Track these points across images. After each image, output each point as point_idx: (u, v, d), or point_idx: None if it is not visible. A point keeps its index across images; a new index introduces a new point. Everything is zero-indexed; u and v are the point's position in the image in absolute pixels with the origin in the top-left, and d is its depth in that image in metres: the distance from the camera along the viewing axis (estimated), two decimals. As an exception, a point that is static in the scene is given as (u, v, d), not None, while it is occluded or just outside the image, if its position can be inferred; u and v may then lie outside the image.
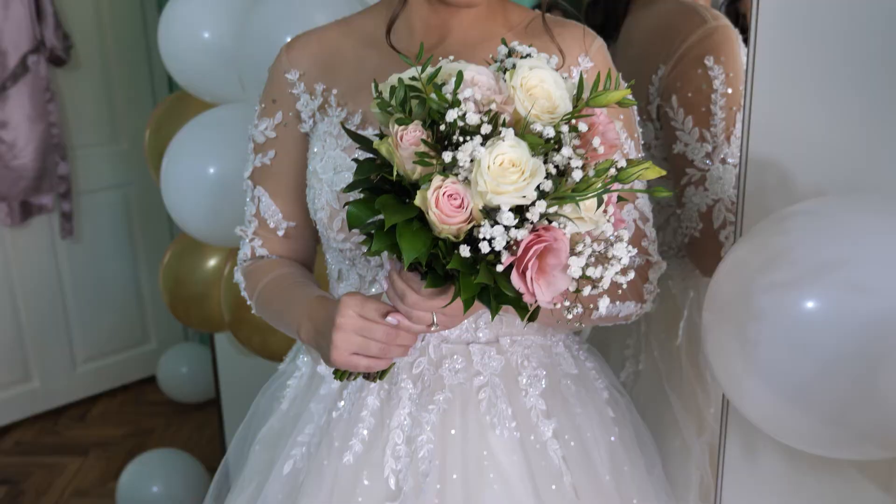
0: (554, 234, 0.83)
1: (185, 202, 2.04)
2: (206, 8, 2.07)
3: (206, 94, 2.19)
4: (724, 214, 1.42)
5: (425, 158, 0.83)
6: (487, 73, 0.88)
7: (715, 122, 1.40)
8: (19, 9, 2.71)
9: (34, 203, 3.07)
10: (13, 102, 2.82)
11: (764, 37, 1.17)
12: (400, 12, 1.12)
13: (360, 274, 1.19)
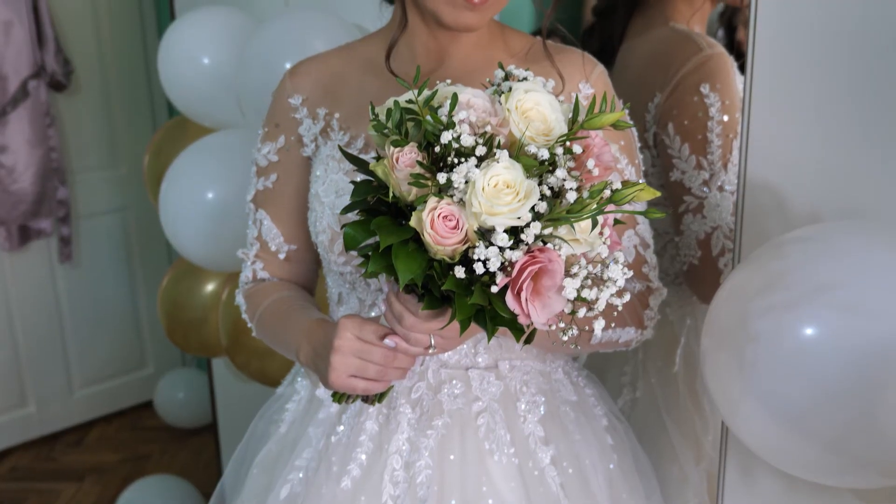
0: (549, 256, 0.83)
1: (183, 227, 2.04)
2: (206, 34, 2.09)
3: (206, 120, 2.20)
4: (722, 242, 1.41)
5: (420, 180, 0.83)
6: (483, 97, 0.89)
7: (712, 149, 1.40)
8: (20, 34, 2.74)
9: (33, 227, 3.08)
10: (13, 127, 2.83)
11: (761, 64, 1.18)
12: (400, 37, 1.13)
13: (360, 298, 1.19)
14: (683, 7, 1.52)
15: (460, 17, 1.05)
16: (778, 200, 1.20)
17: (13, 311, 3.19)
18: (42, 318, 3.28)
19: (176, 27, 2.15)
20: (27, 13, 2.72)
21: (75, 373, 3.44)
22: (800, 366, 0.93)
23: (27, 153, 2.90)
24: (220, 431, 2.71)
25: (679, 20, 1.51)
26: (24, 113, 2.84)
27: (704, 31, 1.54)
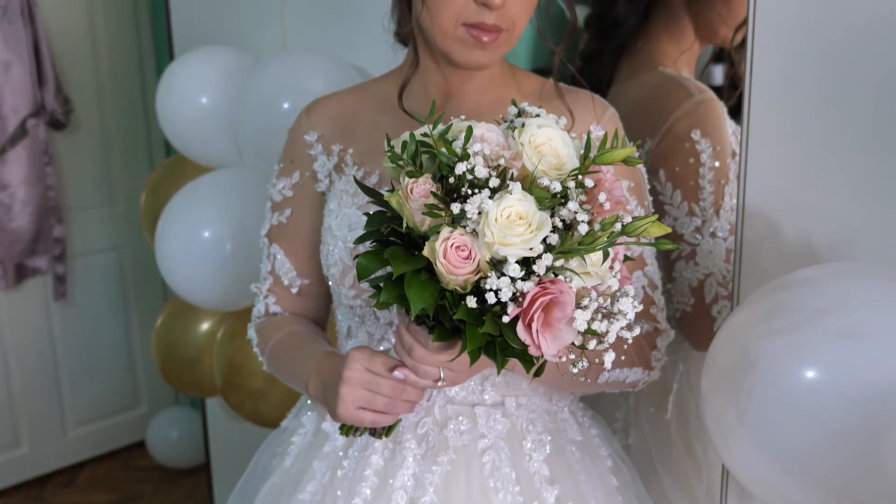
0: (560, 287, 0.83)
1: (178, 266, 2.05)
2: (204, 74, 2.11)
3: (203, 159, 2.22)
4: (715, 289, 1.41)
5: (434, 210, 0.84)
6: (497, 131, 0.91)
7: (703, 195, 1.40)
8: (20, 73, 2.76)
9: (29, 265, 3.07)
10: (11, 165, 2.84)
11: (757, 108, 1.20)
12: (412, 76, 1.16)
13: (370, 331, 1.20)
14: (671, 49, 1.53)
15: (471, 55, 1.07)
16: (776, 243, 1.22)
17: (8, 351, 3.17)
18: (37, 357, 3.26)
19: (175, 67, 2.17)
20: (28, 52, 2.75)
21: (69, 412, 3.40)
22: (800, 401, 0.92)
23: (25, 191, 2.90)
24: (213, 472, 2.68)
25: (666, 63, 1.52)
26: (22, 151, 2.85)
27: (692, 73, 1.56)
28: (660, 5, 1.53)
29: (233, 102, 2.01)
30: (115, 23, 3.15)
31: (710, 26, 1.50)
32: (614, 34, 1.54)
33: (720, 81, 1.88)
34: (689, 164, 1.40)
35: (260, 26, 2.29)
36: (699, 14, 1.50)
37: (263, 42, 2.28)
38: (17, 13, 2.67)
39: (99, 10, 3.09)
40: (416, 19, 1.10)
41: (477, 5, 1.04)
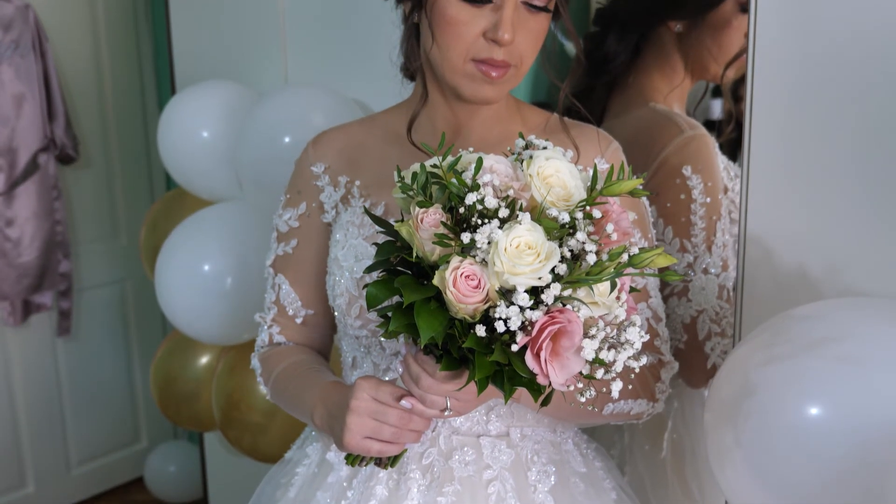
0: (568, 317, 0.84)
1: (178, 299, 2.05)
2: (206, 108, 2.13)
3: (204, 192, 2.23)
4: (708, 325, 1.40)
5: (444, 240, 0.85)
6: (505, 163, 0.92)
7: (695, 231, 1.40)
8: (32, 107, 2.78)
9: (34, 301, 3.05)
10: (21, 199, 2.84)
11: (757, 143, 1.21)
12: (421, 110, 1.18)
13: (375, 362, 1.20)
14: (662, 85, 1.54)
15: (479, 90, 1.10)
16: (777, 279, 1.23)
17: (15, 390, 3.12)
18: (42, 395, 3.22)
19: (176, 101, 2.19)
20: (39, 86, 2.77)
21: (73, 450, 3.36)
22: (798, 427, 0.93)
23: (34, 226, 2.90)
24: (211, 506, 2.66)
25: (658, 98, 1.53)
26: (31, 186, 2.85)
27: (683, 108, 1.57)
28: (650, 42, 1.54)
29: (234, 136, 2.03)
30: (118, 57, 3.18)
31: (700, 63, 1.52)
32: (605, 70, 1.56)
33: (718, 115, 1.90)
34: (681, 201, 1.40)
35: (261, 61, 2.31)
36: (689, 51, 1.51)
37: (265, 76, 2.30)
38: (28, 47, 2.70)
39: (104, 45, 3.12)
40: (425, 55, 1.13)
41: (486, 42, 1.06)
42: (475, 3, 1.05)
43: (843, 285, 1.17)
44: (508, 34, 1.04)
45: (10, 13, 2.63)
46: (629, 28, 1.53)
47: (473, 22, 1.06)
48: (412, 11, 1.13)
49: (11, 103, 2.70)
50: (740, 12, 1.46)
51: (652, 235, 1.23)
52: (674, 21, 1.50)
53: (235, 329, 2.04)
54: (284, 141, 1.88)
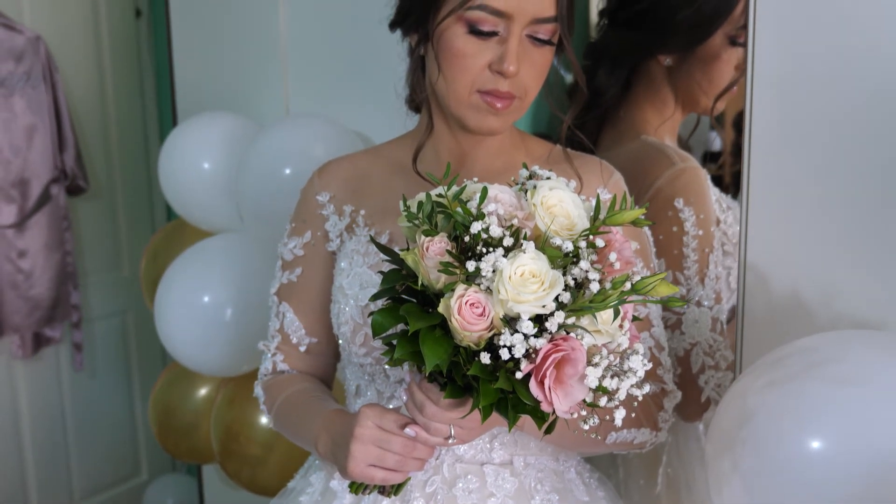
0: (571, 345, 0.85)
1: (177, 330, 2.04)
2: (207, 139, 2.14)
3: (204, 224, 2.23)
4: (702, 358, 1.40)
5: (450, 268, 0.87)
6: (509, 192, 0.94)
7: (688, 264, 1.41)
8: (43, 138, 2.79)
9: (45, 334, 3.03)
10: (32, 231, 2.84)
11: (756, 177, 1.23)
12: (426, 141, 1.19)
13: (379, 390, 1.21)
14: (653, 117, 1.55)
15: (484, 121, 1.11)
16: (776, 309, 1.24)
17: (22, 423, 3.09)
18: (47, 428, 3.18)
19: (178, 132, 2.20)
20: (49, 117, 2.79)
21: (76, 483, 3.32)
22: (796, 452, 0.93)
23: (44, 257, 2.89)
24: (209, 540, 2.64)
25: (649, 131, 1.54)
26: (42, 217, 2.85)
27: (675, 141, 1.57)
28: (640, 75, 1.56)
29: (235, 168, 2.04)
30: (121, 87, 3.20)
31: (690, 96, 1.53)
32: (596, 104, 1.57)
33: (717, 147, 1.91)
34: (673, 233, 1.41)
35: (263, 92, 2.34)
36: (679, 84, 1.53)
37: (266, 108, 2.32)
38: (39, 78, 2.72)
39: (108, 76, 3.15)
40: (431, 86, 1.14)
41: (492, 73, 1.08)
42: (481, 36, 1.07)
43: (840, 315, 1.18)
44: (514, 66, 1.06)
45: (22, 44, 2.66)
46: (619, 62, 1.55)
47: (479, 54, 1.08)
48: (419, 44, 1.15)
49: (23, 134, 2.72)
50: (729, 45, 1.47)
51: (654, 265, 1.24)
52: (664, 55, 1.51)
53: (235, 361, 2.04)
54: (285, 172, 1.89)
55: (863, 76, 1.14)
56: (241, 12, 2.33)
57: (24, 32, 2.66)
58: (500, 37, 1.07)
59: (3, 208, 2.73)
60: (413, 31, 1.15)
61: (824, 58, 1.17)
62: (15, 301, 2.83)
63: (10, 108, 2.67)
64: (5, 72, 2.64)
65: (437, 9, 1.09)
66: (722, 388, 1.39)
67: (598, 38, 1.58)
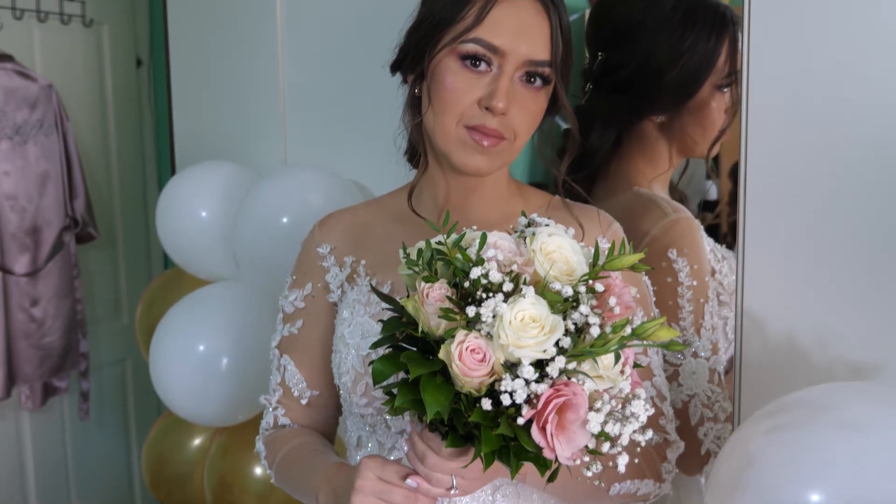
0: (573, 390, 0.85)
1: (172, 379, 2.03)
2: (205, 187, 2.15)
3: (201, 272, 2.23)
4: (700, 410, 1.38)
5: (450, 314, 0.87)
6: (509, 239, 0.94)
7: (683, 315, 1.40)
8: (56, 185, 2.80)
9: (53, 384, 2.99)
10: (44, 280, 2.83)
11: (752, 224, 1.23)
12: (421, 180, 1.21)
13: (380, 440, 1.20)
14: (647, 170, 1.55)
15: (470, 158, 1.11)
16: (774, 361, 1.23)
17: (27, 474, 3.04)
18: (52, 478, 3.12)
19: (176, 181, 2.21)
20: (61, 165, 2.81)
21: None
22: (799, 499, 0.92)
23: (55, 306, 2.88)
24: None
25: (642, 183, 1.53)
26: (54, 265, 2.85)
27: (666, 191, 1.57)
28: (631, 132, 1.56)
29: (232, 216, 2.05)
30: (123, 136, 3.23)
31: (684, 146, 1.54)
32: (588, 163, 1.56)
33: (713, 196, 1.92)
34: (667, 284, 1.40)
35: (261, 141, 2.36)
36: (673, 137, 1.53)
37: (264, 157, 2.34)
38: (52, 126, 2.74)
39: (111, 124, 3.18)
40: (424, 124, 1.15)
41: (480, 109, 1.09)
42: (473, 71, 1.08)
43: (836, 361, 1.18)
44: (503, 103, 1.07)
45: (36, 92, 2.69)
46: (609, 124, 1.54)
47: (470, 89, 1.09)
48: (415, 82, 1.16)
49: (36, 182, 2.74)
50: (718, 91, 1.49)
51: (655, 314, 1.24)
52: (655, 115, 1.52)
53: (230, 411, 2.02)
54: (283, 221, 1.90)
55: (858, 125, 1.15)
56: (240, 62, 2.36)
57: (37, 80, 2.70)
58: (492, 74, 1.09)
59: (18, 257, 2.73)
60: (411, 71, 1.16)
61: (819, 107, 1.17)
62: (27, 350, 2.82)
63: (24, 156, 2.70)
64: (20, 119, 2.67)
65: (435, 44, 1.10)
66: (721, 440, 1.37)
67: (586, 102, 1.57)
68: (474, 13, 1.08)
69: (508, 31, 1.08)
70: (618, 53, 1.51)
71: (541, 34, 1.09)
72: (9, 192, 2.66)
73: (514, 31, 1.08)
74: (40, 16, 2.80)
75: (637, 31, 1.49)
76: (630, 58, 1.49)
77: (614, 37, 1.52)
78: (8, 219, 2.68)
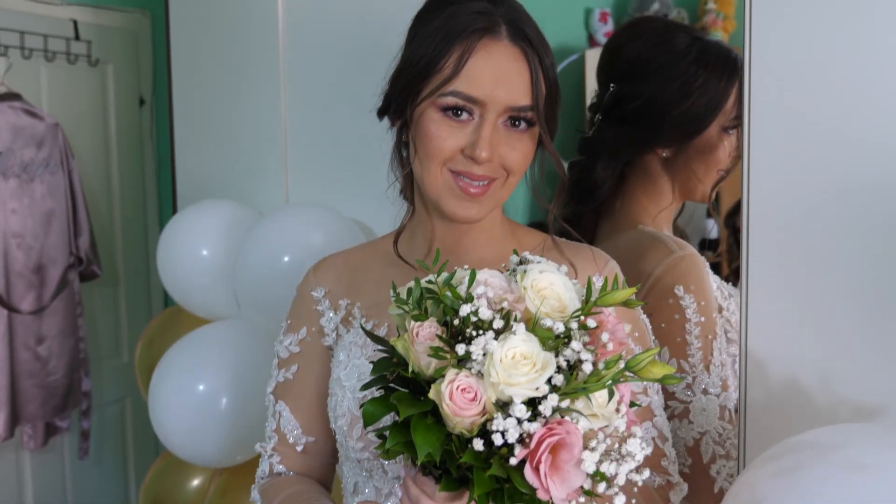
0: (567, 428, 0.83)
1: (170, 419, 2.01)
2: (206, 226, 2.15)
3: (201, 311, 2.22)
4: (712, 447, 1.37)
5: (440, 353, 0.85)
6: (500, 277, 0.93)
7: (692, 351, 1.39)
8: (60, 224, 2.81)
9: (56, 424, 2.98)
10: (49, 318, 2.83)
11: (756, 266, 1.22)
12: (408, 224, 1.20)
13: (377, 486, 1.17)
14: (651, 207, 1.56)
15: (459, 208, 1.11)
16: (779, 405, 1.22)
17: None
18: None
19: (177, 219, 2.21)
20: (66, 203, 2.82)
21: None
22: None
23: (59, 344, 2.87)
24: None
25: (646, 220, 1.54)
26: (59, 303, 2.85)
27: (670, 229, 1.58)
28: (635, 168, 1.57)
29: (233, 255, 2.04)
30: (126, 174, 3.26)
31: (687, 185, 1.55)
32: (593, 197, 1.58)
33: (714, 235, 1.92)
34: (675, 321, 1.39)
35: (262, 180, 2.36)
36: (677, 174, 1.54)
37: (266, 196, 2.34)
38: (57, 164, 2.77)
39: (114, 163, 3.21)
40: (413, 171, 1.15)
41: (464, 157, 1.08)
42: (455, 120, 1.08)
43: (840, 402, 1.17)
44: (486, 152, 1.06)
45: (43, 131, 2.72)
46: (616, 155, 1.56)
47: (453, 137, 1.08)
48: (401, 130, 1.16)
49: (42, 220, 2.76)
50: (724, 132, 1.51)
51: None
52: (661, 148, 1.53)
53: (229, 451, 2.00)
54: (283, 260, 1.89)
55: (860, 165, 1.15)
56: (242, 101, 2.37)
57: (44, 119, 2.73)
58: (474, 122, 1.08)
59: (24, 295, 2.74)
60: (396, 118, 1.16)
61: (821, 145, 1.17)
62: (31, 390, 2.81)
63: (31, 194, 2.71)
64: (28, 157, 2.69)
65: (416, 94, 1.09)
66: (734, 477, 1.35)
67: (594, 133, 1.59)
68: (451, 64, 1.07)
69: (487, 81, 1.06)
70: (630, 85, 1.53)
71: (520, 80, 1.08)
72: (16, 230, 2.68)
73: (492, 80, 1.07)
74: (48, 55, 2.85)
75: (651, 66, 1.52)
76: (642, 90, 1.51)
77: (628, 70, 1.54)
78: (14, 257, 2.69)
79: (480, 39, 1.07)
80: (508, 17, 1.09)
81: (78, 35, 2.95)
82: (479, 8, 1.09)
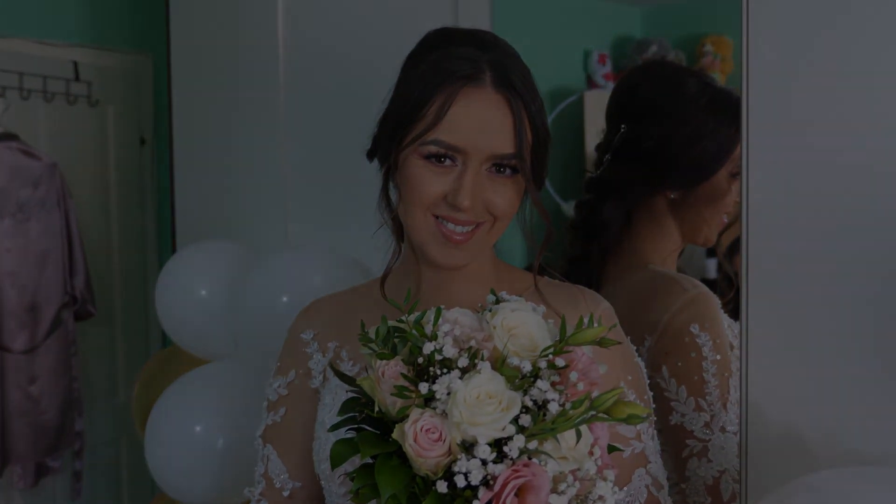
0: (533, 470, 0.81)
1: (167, 460, 1.98)
2: (205, 267, 2.13)
3: (199, 351, 2.20)
4: (731, 486, 1.36)
5: (404, 392, 0.84)
6: (471, 316, 0.92)
7: (709, 389, 1.38)
8: (56, 263, 2.82)
9: (46, 464, 2.96)
10: (42, 357, 2.83)
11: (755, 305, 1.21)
12: (397, 266, 1.19)
13: None
14: (660, 247, 1.56)
15: (444, 254, 1.10)
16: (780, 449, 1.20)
17: None
18: None
19: (176, 259, 2.20)
20: (62, 242, 2.83)
21: None
22: None
23: (52, 383, 2.86)
24: None
25: (655, 260, 1.55)
26: (52, 342, 2.85)
27: (675, 269, 1.58)
28: (643, 208, 1.57)
29: (232, 295, 2.03)
30: (126, 213, 3.27)
31: (693, 228, 1.56)
32: (601, 236, 1.58)
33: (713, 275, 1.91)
34: (692, 359, 1.39)
35: (262, 220, 2.36)
36: (684, 216, 1.55)
37: (265, 236, 2.34)
38: (54, 203, 2.78)
39: (113, 202, 3.22)
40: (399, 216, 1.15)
41: (447, 203, 1.07)
42: (439, 164, 1.07)
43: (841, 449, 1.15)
44: (468, 201, 1.05)
45: (39, 170, 2.74)
46: (624, 195, 1.56)
47: (436, 183, 1.07)
48: (388, 173, 1.15)
49: (37, 259, 2.76)
50: (732, 178, 1.51)
51: (648, 397, 1.19)
52: (670, 190, 1.54)
53: (225, 493, 1.98)
54: (283, 301, 1.88)
55: (858, 202, 1.14)
56: (242, 141, 2.38)
57: (42, 159, 2.75)
58: (458, 169, 1.07)
59: (17, 334, 2.73)
60: (383, 161, 1.16)
61: (820, 184, 1.17)
62: (23, 429, 2.79)
63: (26, 233, 2.73)
64: (24, 197, 2.71)
65: (400, 140, 1.09)
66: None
67: (601, 173, 1.60)
68: (433, 113, 1.05)
69: (468, 129, 1.05)
70: (642, 127, 1.54)
71: (503, 127, 1.06)
72: (10, 269, 2.68)
73: (474, 129, 1.05)
74: (47, 96, 2.88)
75: (664, 109, 1.54)
76: (654, 132, 1.53)
77: (641, 111, 1.56)
78: (8, 296, 2.69)
79: (463, 87, 1.06)
80: (494, 64, 1.08)
81: (78, 76, 2.98)
82: (465, 54, 1.08)
